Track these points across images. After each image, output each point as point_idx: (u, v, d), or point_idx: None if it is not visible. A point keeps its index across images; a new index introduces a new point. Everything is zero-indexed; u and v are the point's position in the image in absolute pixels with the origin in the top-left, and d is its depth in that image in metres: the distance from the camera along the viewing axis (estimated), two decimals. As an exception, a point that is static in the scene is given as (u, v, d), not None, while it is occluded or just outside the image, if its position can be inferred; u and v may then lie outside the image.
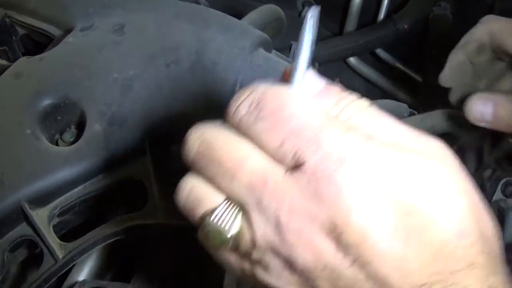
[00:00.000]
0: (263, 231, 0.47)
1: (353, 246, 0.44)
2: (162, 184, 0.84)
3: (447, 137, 1.04)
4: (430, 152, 0.47)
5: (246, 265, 0.51)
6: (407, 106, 0.99)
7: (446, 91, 1.25)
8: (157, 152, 0.85)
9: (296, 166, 0.46)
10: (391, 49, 1.28)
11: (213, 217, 0.49)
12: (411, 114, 0.97)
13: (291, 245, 0.46)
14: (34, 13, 1.05)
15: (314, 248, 0.45)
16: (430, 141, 0.49)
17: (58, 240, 0.81)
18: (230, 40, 0.91)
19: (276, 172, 0.47)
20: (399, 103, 1.02)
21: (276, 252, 0.47)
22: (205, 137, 0.50)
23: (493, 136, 1.23)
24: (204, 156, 0.49)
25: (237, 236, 0.48)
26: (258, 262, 0.49)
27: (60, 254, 0.80)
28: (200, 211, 0.50)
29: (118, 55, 0.91)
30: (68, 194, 0.84)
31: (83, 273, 0.89)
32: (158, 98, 0.86)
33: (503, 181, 1.10)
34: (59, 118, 0.89)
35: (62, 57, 0.94)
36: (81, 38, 0.96)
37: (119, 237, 0.82)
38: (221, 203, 0.49)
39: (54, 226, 0.83)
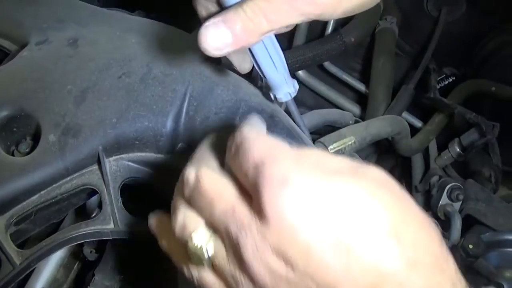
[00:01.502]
0: (231, 253, 0.55)
1: (299, 263, 0.50)
2: (116, 191, 0.87)
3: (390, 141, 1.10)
4: (369, 183, 0.52)
5: (221, 284, 0.58)
6: (352, 115, 1.04)
7: (389, 100, 1.31)
8: (111, 161, 0.88)
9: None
10: (338, 62, 1.32)
11: (194, 240, 0.57)
12: (356, 122, 1.02)
13: (251, 267, 0.53)
14: (-11, 29, 1.07)
15: (268, 267, 0.52)
16: (370, 170, 0.54)
17: (15, 247, 0.83)
18: (179, 51, 0.95)
19: (243, 209, 0.54)
20: (344, 111, 1.07)
21: (243, 270, 0.54)
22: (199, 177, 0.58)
23: (439, 144, 1.30)
24: (197, 192, 0.58)
25: (212, 257, 0.57)
26: (232, 279, 0.56)
27: (17, 260, 0.82)
28: (187, 234, 0.58)
29: (72, 68, 0.94)
30: (24, 203, 0.86)
31: (41, 281, 0.92)
32: (111, 109, 0.89)
33: (449, 186, 1.15)
34: (14, 129, 0.91)
35: (17, 70, 0.96)
36: (36, 52, 0.98)
37: (73, 243, 0.84)
38: (201, 229, 0.57)
39: (12, 235, 0.85)
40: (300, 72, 1.32)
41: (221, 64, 0.94)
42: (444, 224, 1.12)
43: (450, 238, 1.05)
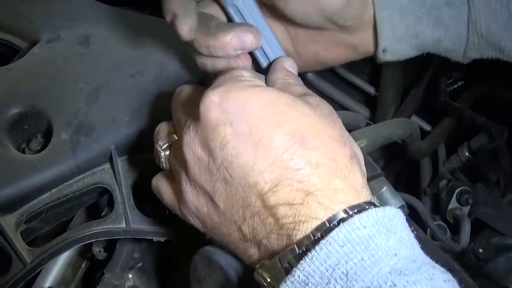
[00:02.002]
0: (179, 152, 0.66)
1: (217, 155, 0.61)
2: (129, 190, 0.87)
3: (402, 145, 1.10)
4: (294, 97, 0.64)
5: (174, 183, 0.70)
6: (364, 117, 1.04)
7: (399, 103, 1.31)
8: (123, 160, 0.88)
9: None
10: (348, 64, 1.32)
11: (158, 143, 0.72)
12: (367, 125, 1.01)
13: (186, 159, 0.64)
14: (0, 26, 1.07)
15: (198, 157, 0.63)
16: (313, 97, 0.68)
17: (26, 246, 0.83)
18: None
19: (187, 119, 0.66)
20: (356, 114, 1.07)
21: (182, 166, 0.66)
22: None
23: (448, 148, 1.29)
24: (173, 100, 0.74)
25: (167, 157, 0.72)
26: (177, 176, 0.68)
27: (28, 259, 0.82)
28: (155, 139, 0.73)
29: (84, 66, 0.94)
30: (35, 201, 0.86)
31: (49, 280, 0.92)
32: (123, 108, 0.89)
33: (458, 190, 1.14)
34: (26, 127, 0.91)
35: (29, 67, 0.96)
36: (48, 50, 0.98)
37: (85, 242, 0.84)
38: (164, 135, 0.73)
39: (22, 232, 0.85)
40: (309, 74, 1.32)
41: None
42: (453, 228, 1.11)
43: (460, 242, 1.04)
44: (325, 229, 0.56)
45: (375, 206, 0.58)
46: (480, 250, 0.97)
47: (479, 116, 1.15)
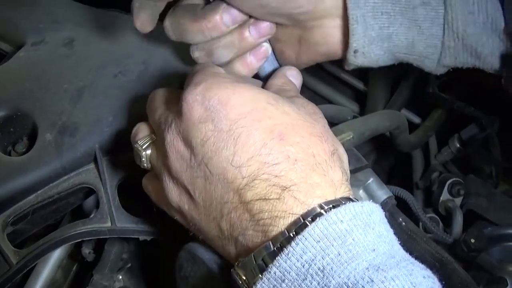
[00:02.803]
0: (160, 151, 0.68)
1: (198, 151, 0.62)
2: (114, 189, 0.86)
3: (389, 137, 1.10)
4: (275, 95, 0.65)
5: (157, 182, 0.71)
6: (351, 110, 1.04)
7: (388, 97, 1.30)
8: (108, 159, 0.88)
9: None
10: (336, 60, 1.31)
11: (137, 143, 0.72)
12: (354, 118, 1.01)
13: (168, 157, 0.65)
14: (-15, 31, 1.07)
15: (180, 154, 0.64)
16: (298, 98, 0.71)
17: (12, 247, 0.83)
18: (175, 49, 0.94)
19: (171, 113, 0.68)
20: (342, 107, 1.07)
21: (164, 165, 0.67)
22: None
23: (440, 141, 1.29)
24: (149, 104, 0.75)
25: (148, 156, 0.72)
26: (159, 175, 0.69)
27: (14, 260, 0.82)
28: (134, 140, 0.74)
29: (68, 67, 0.94)
30: (21, 203, 0.86)
31: (39, 283, 0.91)
32: (107, 107, 0.89)
33: (449, 181, 1.14)
34: (11, 129, 0.91)
35: (14, 70, 0.96)
36: (32, 52, 0.98)
37: (71, 242, 0.84)
38: (143, 136, 0.73)
39: (9, 235, 0.85)
40: (298, 71, 1.32)
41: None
42: (445, 220, 1.11)
43: (452, 233, 1.04)
44: (300, 225, 0.55)
45: (352, 201, 0.58)
46: (472, 240, 0.96)
47: (469, 106, 1.14)
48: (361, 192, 0.85)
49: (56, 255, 0.93)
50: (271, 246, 0.56)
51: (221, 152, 0.60)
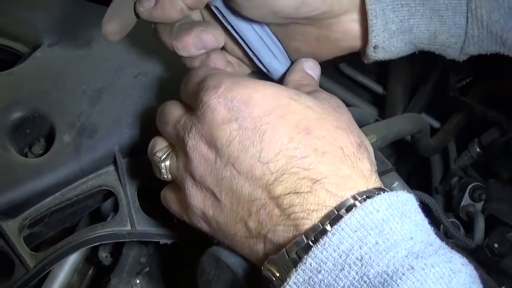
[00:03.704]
0: (181, 159, 0.67)
1: (223, 152, 0.61)
2: (133, 192, 0.85)
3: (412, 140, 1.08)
4: (297, 91, 0.64)
5: (179, 192, 0.69)
6: (373, 113, 1.03)
7: (408, 101, 1.29)
8: (127, 161, 0.86)
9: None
10: (354, 63, 1.30)
11: (155, 156, 0.70)
12: (376, 121, 0.99)
13: (191, 162, 0.64)
14: (1, 31, 1.06)
15: (204, 158, 0.63)
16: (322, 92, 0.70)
17: (29, 250, 0.82)
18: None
19: (187, 117, 0.67)
20: (364, 110, 1.05)
21: (187, 171, 0.65)
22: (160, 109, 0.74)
23: (459, 146, 1.27)
24: (159, 119, 0.73)
25: (168, 167, 0.70)
26: (181, 184, 0.67)
27: (31, 263, 0.81)
28: (152, 153, 0.71)
29: (86, 68, 0.93)
30: (38, 205, 0.84)
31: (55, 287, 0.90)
32: (127, 108, 0.87)
33: (470, 186, 1.13)
34: (28, 131, 0.90)
35: (31, 71, 0.95)
36: (49, 53, 0.97)
37: (89, 245, 0.82)
38: (161, 147, 0.71)
39: (26, 238, 0.83)
40: (315, 74, 1.30)
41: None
42: (466, 225, 1.09)
43: (474, 238, 1.02)
44: (334, 217, 0.54)
45: (385, 191, 0.57)
46: (496, 245, 0.95)
47: (490, 110, 1.13)
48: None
49: (72, 259, 0.91)
50: (305, 239, 0.55)
51: (247, 150, 0.60)
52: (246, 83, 0.62)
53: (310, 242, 0.54)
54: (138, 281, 0.94)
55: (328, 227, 0.54)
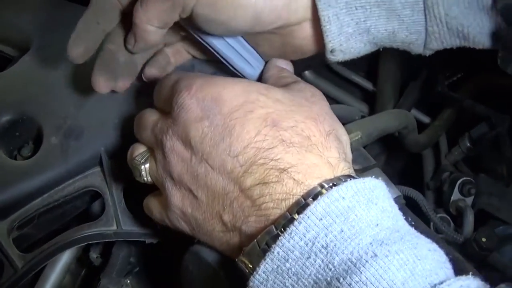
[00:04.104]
0: (160, 161, 0.68)
1: (197, 149, 0.63)
2: (119, 192, 0.86)
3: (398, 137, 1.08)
4: (268, 86, 0.67)
5: (160, 196, 0.71)
6: (358, 110, 1.03)
7: (398, 97, 1.29)
8: (113, 162, 0.87)
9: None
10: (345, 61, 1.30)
11: (135, 159, 0.72)
12: (362, 117, 1.00)
13: (169, 162, 0.66)
14: (-10, 35, 1.07)
15: (181, 157, 0.65)
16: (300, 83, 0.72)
17: (18, 251, 0.83)
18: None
19: (163, 121, 0.69)
20: (350, 107, 1.05)
21: (165, 171, 0.67)
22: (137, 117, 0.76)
23: (450, 143, 1.28)
24: (137, 126, 0.75)
25: (147, 169, 0.71)
26: (161, 185, 0.69)
27: (19, 264, 0.82)
28: (131, 158, 0.73)
29: (73, 70, 0.93)
30: (27, 207, 0.85)
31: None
32: (113, 110, 0.88)
33: (460, 181, 1.13)
34: (17, 134, 0.91)
35: (19, 75, 0.95)
36: (38, 57, 0.98)
37: (76, 245, 0.83)
38: (140, 151, 0.73)
39: (15, 239, 0.84)
40: (306, 72, 1.30)
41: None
42: (457, 220, 1.10)
43: (463, 233, 1.02)
44: (302, 205, 0.56)
45: (353, 178, 0.58)
46: (483, 239, 0.95)
47: (479, 104, 1.13)
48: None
49: (63, 260, 0.93)
50: (274, 229, 0.56)
51: (218, 146, 0.62)
52: (216, 82, 0.65)
53: (279, 232, 0.55)
54: (128, 281, 0.95)
55: (295, 216, 0.55)
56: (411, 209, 0.86)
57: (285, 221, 0.56)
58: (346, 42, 0.74)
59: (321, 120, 0.64)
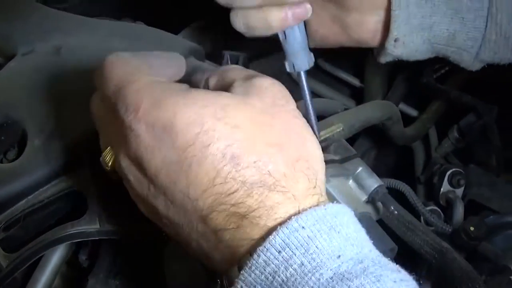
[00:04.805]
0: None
1: (154, 181, 0.59)
2: (101, 192, 0.86)
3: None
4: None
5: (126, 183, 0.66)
6: (341, 104, 1.03)
7: (385, 92, 1.29)
8: (96, 162, 0.88)
9: None
10: (331, 57, 1.31)
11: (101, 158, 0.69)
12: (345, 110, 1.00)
13: (129, 181, 0.63)
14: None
15: (138, 180, 0.62)
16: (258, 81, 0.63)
17: (2, 251, 0.83)
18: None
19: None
20: (332, 100, 1.06)
21: (128, 185, 0.65)
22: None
23: (440, 133, 1.27)
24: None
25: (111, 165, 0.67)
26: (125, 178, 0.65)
27: (4, 263, 0.82)
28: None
29: (55, 74, 0.95)
30: (12, 208, 0.85)
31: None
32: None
33: (449, 172, 1.13)
34: (2, 138, 0.92)
35: (4, 80, 0.97)
36: (22, 62, 0.99)
37: (59, 244, 0.84)
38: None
39: (2, 241, 0.85)
40: (293, 71, 1.31)
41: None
42: (448, 212, 1.09)
43: (453, 223, 1.02)
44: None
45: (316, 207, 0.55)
46: (471, 229, 0.94)
47: (465, 95, 1.13)
48: (350, 182, 0.84)
49: (53, 262, 0.93)
50: (237, 267, 0.55)
51: (175, 183, 0.58)
52: (166, 105, 0.58)
53: (241, 267, 0.54)
54: (117, 282, 0.95)
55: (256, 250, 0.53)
56: (400, 203, 0.86)
57: (246, 258, 0.54)
58: (409, 34, 0.73)
59: (286, 146, 0.58)
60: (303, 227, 0.52)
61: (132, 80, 0.62)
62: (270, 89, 0.62)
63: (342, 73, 1.33)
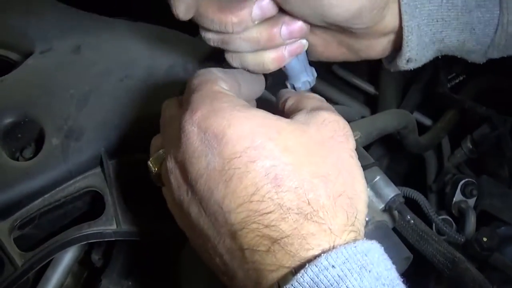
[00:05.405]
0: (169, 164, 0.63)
1: (193, 187, 0.59)
2: (119, 192, 0.86)
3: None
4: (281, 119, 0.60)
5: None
6: (358, 111, 1.03)
7: (400, 100, 1.29)
8: (114, 162, 0.88)
9: None
10: (346, 64, 1.31)
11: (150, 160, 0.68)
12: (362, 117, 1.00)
13: (170, 183, 0.63)
14: (-6, 40, 1.09)
15: (178, 184, 0.62)
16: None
17: (18, 250, 0.83)
18: (180, 54, 0.95)
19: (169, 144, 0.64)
20: (349, 108, 1.06)
21: (168, 189, 0.65)
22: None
23: (453, 143, 1.28)
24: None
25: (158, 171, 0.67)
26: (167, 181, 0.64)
27: (19, 262, 0.82)
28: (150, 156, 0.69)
29: (74, 73, 0.95)
30: (28, 207, 0.86)
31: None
32: (113, 111, 0.89)
33: (462, 182, 1.13)
34: (19, 135, 0.92)
35: (22, 78, 0.97)
36: (40, 60, 0.99)
37: (76, 244, 0.84)
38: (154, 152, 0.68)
39: (17, 239, 0.85)
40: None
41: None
42: (459, 221, 1.09)
43: (465, 233, 1.02)
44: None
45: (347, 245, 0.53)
46: (484, 239, 0.94)
47: (480, 106, 1.13)
48: (368, 190, 0.84)
49: (65, 262, 0.93)
50: None
51: (212, 192, 0.56)
52: (224, 114, 0.58)
53: None
54: (130, 283, 0.95)
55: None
56: (413, 211, 0.86)
57: None
58: (421, 51, 0.73)
59: (332, 179, 0.57)
60: (333, 266, 0.50)
61: (203, 87, 0.62)
62: (333, 123, 0.62)
63: (357, 79, 1.33)
